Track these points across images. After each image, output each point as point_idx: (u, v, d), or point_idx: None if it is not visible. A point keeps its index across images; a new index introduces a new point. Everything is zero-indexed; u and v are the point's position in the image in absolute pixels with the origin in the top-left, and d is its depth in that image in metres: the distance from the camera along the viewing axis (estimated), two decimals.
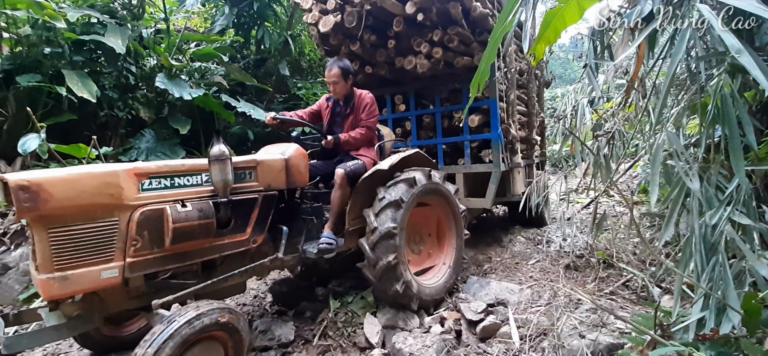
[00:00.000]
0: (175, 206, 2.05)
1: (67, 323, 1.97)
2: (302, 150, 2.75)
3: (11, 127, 4.10)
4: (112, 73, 4.93)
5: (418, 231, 3.21)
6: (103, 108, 4.81)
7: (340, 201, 2.76)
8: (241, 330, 2.02)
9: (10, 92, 4.21)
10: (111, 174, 1.94)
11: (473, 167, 4.12)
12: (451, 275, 3.16)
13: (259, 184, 2.49)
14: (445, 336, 2.56)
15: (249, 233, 2.41)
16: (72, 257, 1.83)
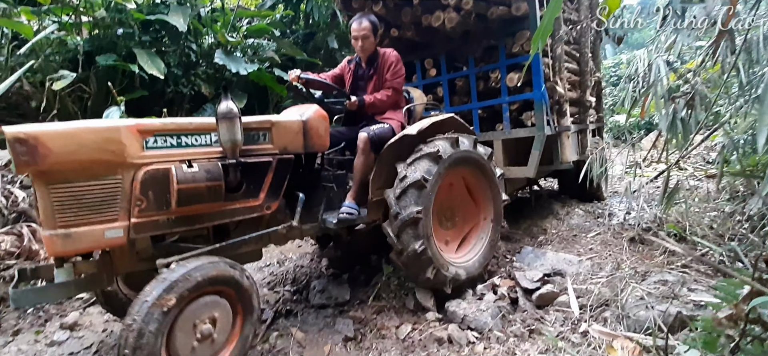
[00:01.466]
0: (181, 166, 1.95)
1: (74, 281, 1.94)
2: (322, 112, 2.53)
3: (94, 103, 4.53)
4: (175, 51, 5.24)
5: (450, 204, 2.89)
6: (169, 85, 5.15)
7: (363, 168, 2.60)
8: (247, 287, 1.95)
9: (91, 71, 4.63)
10: (112, 130, 1.85)
11: (513, 133, 3.68)
12: (489, 249, 2.89)
13: (273, 146, 2.31)
14: (499, 302, 2.54)
15: (262, 198, 2.26)
16: (75, 214, 1.78)
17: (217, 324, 1.88)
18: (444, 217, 2.87)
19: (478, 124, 3.93)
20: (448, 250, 2.82)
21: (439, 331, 2.34)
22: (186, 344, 1.79)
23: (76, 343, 2.52)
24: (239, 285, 1.92)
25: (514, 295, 2.63)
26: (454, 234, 2.92)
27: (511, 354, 2.13)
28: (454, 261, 2.73)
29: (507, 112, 3.71)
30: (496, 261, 3.12)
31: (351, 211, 2.57)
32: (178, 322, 1.75)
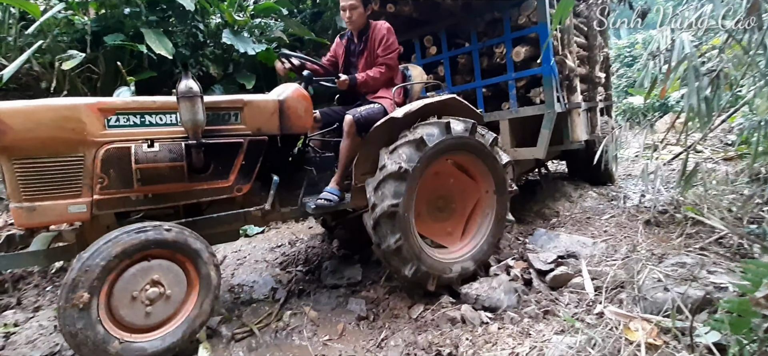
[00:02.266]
0: (142, 145, 1.96)
1: (45, 251, 2.04)
2: (302, 92, 2.43)
3: (103, 83, 4.51)
4: (182, 31, 5.18)
5: (444, 193, 2.67)
6: (177, 65, 5.11)
7: (347, 152, 2.47)
8: (199, 251, 1.94)
9: (99, 51, 4.59)
10: (70, 108, 1.88)
11: (521, 111, 3.44)
12: (487, 244, 2.62)
13: (245, 127, 2.25)
14: (513, 283, 2.53)
15: (232, 180, 2.22)
16: (38, 189, 1.85)
17: (165, 288, 1.90)
18: (437, 207, 2.66)
19: (482, 103, 3.71)
20: (453, 240, 2.68)
21: (452, 311, 2.33)
22: (130, 307, 1.83)
23: None
24: (191, 251, 1.93)
25: (527, 276, 2.61)
26: (456, 222, 2.72)
27: (526, 334, 2.12)
28: (443, 257, 2.52)
29: (513, 89, 3.49)
30: (509, 244, 3.10)
31: (330, 197, 2.45)
32: (117, 287, 1.80)
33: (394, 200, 2.24)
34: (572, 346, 1.83)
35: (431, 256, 2.45)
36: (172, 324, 1.93)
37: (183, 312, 1.95)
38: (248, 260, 3.26)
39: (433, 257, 2.46)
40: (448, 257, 2.55)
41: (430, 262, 2.42)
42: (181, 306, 1.95)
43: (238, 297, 2.71)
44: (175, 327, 1.92)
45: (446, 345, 2.10)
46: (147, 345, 1.84)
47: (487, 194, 2.71)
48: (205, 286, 1.98)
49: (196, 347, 2.05)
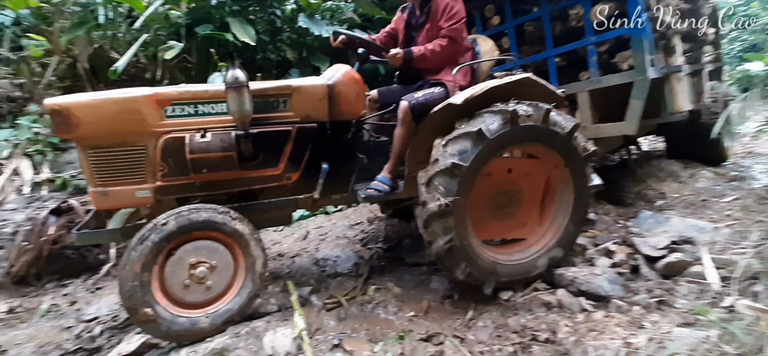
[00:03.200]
0: (195, 135, 2.00)
1: (121, 229, 2.14)
2: (354, 75, 2.30)
3: (197, 71, 4.91)
4: (262, 18, 5.43)
5: (509, 188, 2.32)
6: (258, 52, 5.38)
7: (400, 141, 2.29)
8: (245, 235, 1.98)
9: (192, 42, 4.99)
10: (130, 100, 1.97)
11: (604, 80, 2.93)
12: (560, 244, 2.26)
13: (294, 114, 2.20)
14: (617, 269, 2.29)
15: (281, 168, 2.20)
16: (109, 175, 1.99)
17: (214, 269, 1.97)
18: (498, 204, 2.32)
19: (555, 75, 3.23)
20: (530, 229, 2.36)
21: (546, 295, 2.18)
22: (179, 283, 1.92)
23: None
24: (237, 233, 1.97)
25: (633, 262, 2.35)
26: (528, 210, 2.38)
27: (638, 324, 1.91)
28: (503, 258, 2.25)
29: (594, 55, 2.97)
30: (606, 226, 2.82)
31: (381, 187, 2.31)
32: (169, 263, 1.90)
33: (445, 199, 2.01)
34: (703, 341, 1.59)
35: (503, 261, 2.21)
36: (220, 303, 2.00)
37: (230, 293, 2.02)
38: (330, 236, 3.36)
39: (506, 261, 2.22)
40: (528, 252, 2.28)
41: (504, 269, 2.20)
42: (227, 286, 2.02)
43: (324, 271, 2.80)
44: (222, 305, 1.99)
45: (542, 329, 1.96)
46: (194, 319, 1.93)
47: (557, 168, 2.31)
48: (250, 266, 2.03)
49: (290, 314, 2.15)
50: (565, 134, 2.13)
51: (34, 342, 2.50)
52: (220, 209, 1.98)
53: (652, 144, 4.85)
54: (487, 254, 2.20)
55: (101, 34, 4.57)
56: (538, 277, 2.24)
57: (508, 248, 2.34)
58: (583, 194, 2.26)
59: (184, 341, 1.93)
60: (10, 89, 4.22)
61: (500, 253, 2.28)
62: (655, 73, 2.78)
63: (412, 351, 1.97)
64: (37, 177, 3.53)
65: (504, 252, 2.29)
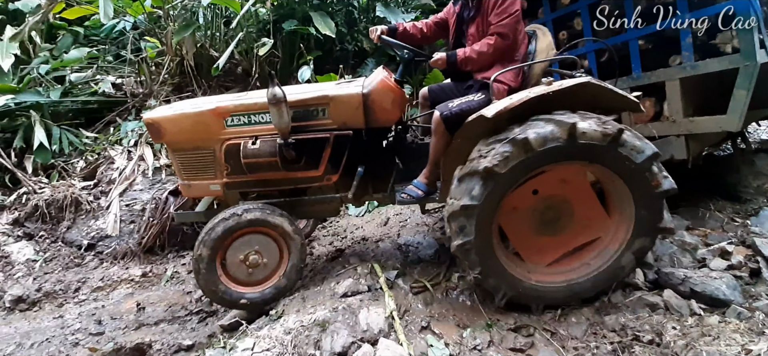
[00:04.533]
0: (248, 142, 2.32)
1: (207, 211, 2.65)
2: (388, 83, 2.30)
3: (282, 65, 5.26)
4: (341, 10, 5.62)
5: (558, 205, 2.10)
6: (336, 43, 5.60)
7: (435, 150, 2.26)
8: (291, 233, 2.34)
9: (278, 37, 5.34)
10: (199, 114, 2.38)
11: (701, 66, 2.46)
12: (609, 269, 2.03)
13: (331, 121, 2.37)
14: (734, 272, 2.07)
15: (322, 170, 2.42)
16: (190, 172, 2.48)
17: (263, 256, 2.38)
18: (543, 220, 2.12)
19: (639, 61, 2.78)
20: (600, 228, 2.12)
21: (650, 296, 2.05)
22: (237, 267, 2.37)
23: None
24: (284, 232, 2.34)
25: (754, 265, 2.11)
26: (554, 246, 2.16)
27: (759, 332, 1.73)
28: (538, 279, 2.10)
29: (688, 36, 2.51)
30: (721, 225, 2.54)
31: (415, 191, 2.39)
32: (229, 252, 2.34)
33: (471, 201, 1.89)
34: None
35: (523, 277, 2.08)
36: (269, 282, 2.42)
37: (276, 274, 2.44)
38: (410, 222, 3.44)
39: (525, 278, 2.09)
40: (607, 253, 2.08)
41: (525, 287, 2.07)
42: (274, 270, 2.44)
43: (407, 256, 2.90)
44: (270, 284, 2.42)
45: (646, 331, 1.87)
46: (250, 295, 2.38)
47: (617, 233, 2.03)
48: (293, 253, 2.40)
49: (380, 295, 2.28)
50: (639, 163, 1.83)
51: (164, 303, 2.95)
52: (268, 209, 2.34)
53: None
54: (506, 264, 2.07)
55: (202, 34, 5.09)
56: (628, 276, 2.06)
57: (581, 257, 2.14)
58: (624, 262, 2.02)
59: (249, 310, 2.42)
60: (134, 87, 4.91)
61: (565, 269, 2.12)
62: (765, 57, 2.31)
63: (500, 340, 1.99)
64: (157, 162, 4.09)
65: (570, 266, 2.13)
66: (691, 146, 2.56)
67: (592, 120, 1.82)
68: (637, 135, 1.88)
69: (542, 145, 1.80)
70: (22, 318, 2.96)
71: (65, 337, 2.63)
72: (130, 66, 5.02)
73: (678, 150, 2.61)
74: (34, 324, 2.86)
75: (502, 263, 2.06)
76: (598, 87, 1.91)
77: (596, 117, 1.85)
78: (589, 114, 1.87)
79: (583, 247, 2.14)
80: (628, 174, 1.87)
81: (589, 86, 1.89)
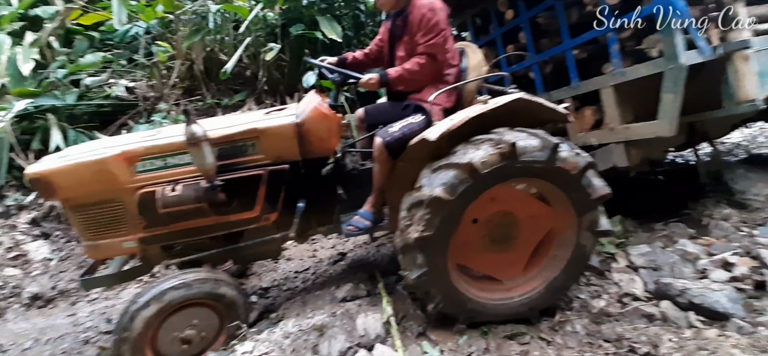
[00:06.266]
0: (165, 189, 2.00)
1: (120, 273, 2.28)
2: (322, 110, 2.12)
3: (289, 69, 5.33)
4: (348, 14, 5.67)
5: (501, 220, 2.06)
6: (343, 47, 5.64)
7: (379, 177, 2.16)
8: (233, 299, 2.02)
9: (286, 41, 5.42)
10: (100, 162, 1.99)
11: (629, 72, 2.45)
12: (575, 253, 2.00)
13: (264, 156, 2.13)
14: (737, 284, 2.04)
15: (258, 210, 2.16)
16: (95, 231, 2.08)
17: (200, 330, 2.02)
18: (492, 237, 2.08)
19: (576, 70, 2.78)
20: (512, 273, 2.14)
21: (647, 306, 2.04)
22: (170, 345, 1.99)
23: None
24: (226, 298, 2.02)
25: (758, 278, 2.07)
26: (502, 263, 2.13)
27: (760, 348, 1.70)
28: (485, 297, 2.07)
29: (615, 43, 2.50)
30: (725, 235, 2.50)
31: (361, 223, 2.23)
32: (162, 329, 1.96)
33: (424, 231, 1.82)
34: None
35: (473, 297, 2.04)
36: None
37: None
38: None
39: (479, 299, 2.05)
40: (509, 295, 2.09)
41: (476, 306, 2.03)
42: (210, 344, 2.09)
43: None
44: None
45: (642, 342, 1.86)
46: None
47: (565, 217, 2.01)
48: (233, 317, 2.08)
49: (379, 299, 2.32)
50: (576, 172, 1.84)
51: None
52: (210, 278, 2.02)
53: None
54: (462, 287, 2.03)
55: (212, 38, 5.19)
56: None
57: (491, 285, 2.15)
58: (574, 271, 2.04)
59: None
60: (145, 90, 5.04)
61: (481, 290, 2.10)
62: (703, 56, 2.26)
63: (496, 348, 2.00)
64: None
65: (486, 290, 2.12)
66: (632, 153, 2.53)
67: (529, 137, 1.84)
68: (570, 146, 1.90)
69: (487, 166, 1.78)
70: (38, 315, 3.08)
71: (77, 335, 2.73)
72: (142, 70, 5.15)
73: (619, 158, 2.56)
74: (50, 320, 2.98)
75: (462, 290, 2.02)
76: (529, 102, 1.93)
77: (529, 133, 1.87)
78: (524, 132, 1.88)
79: (544, 243, 2.12)
80: (567, 185, 1.89)
81: (522, 102, 1.92)
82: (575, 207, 1.93)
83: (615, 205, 2.88)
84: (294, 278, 2.98)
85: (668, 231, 2.64)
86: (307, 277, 2.94)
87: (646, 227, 2.76)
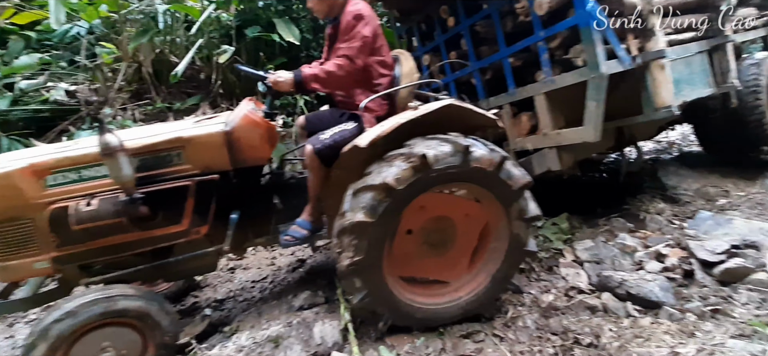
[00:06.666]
0: (79, 204, 1.85)
1: (34, 297, 2.12)
2: (253, 118, 2.05)
3: None
4: (305, 16, 5.59)
5: (434, 225, 2.08)
6: (302, 50, 5.57)
7: (313, 187, 2.13)
8: (141, 310, 1.82)
9: (241, 43, 5.27)
10: (3, 177, 1.83)
11: (558, 80, 2.53)
12: (512, 243, 2.04)
13: (191, 167, 2.00)
14: (668, 274, 2.21)
15: (186, 224, 2.02)
16: (4, 251, 1.89)
17: (118, 350, 1.83)
18: (430, 241, 2.10)
19: (512, 78, 2.86)
20: (458, 273, 2.17)
21: (591, 299, 2.16)
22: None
23: None
24: (146, 316, 1.83)
25: (687, 267, 2.25)
26: (441, 267, 2.15)
27: (688, 333, 1.84)
28: (420, 301, 2.07)
29: (545, 52, 2.58)
30: (659, 227, 2.69)
31: (298, 233, 2.17)
32: (75, 348, 1.77)
33: (355, 257, 1.82)
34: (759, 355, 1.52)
35: (421, 305, 2.05)
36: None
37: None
38: None
39: (423, 306, 2.06)
40: (452, 297, 2.11)
41: (423, 315, 2.05)
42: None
43: None
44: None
45: (585, 333, 1.96)
46: None
47: (494, 210, 2.05)
48: (157, 337, 1.89)
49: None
50: (492, 169, 1.89)
51: None
52: (102, 298, 1.79)
53: None
54: (407, 298, 2.04)
55: (162, 39, 4.96)
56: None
57: (440, 289, 2.15)
58: (507, 273, 2.10)
59: None
60: (87, 94, 4.71)
61: (430, 297, 2.11)
62: (619, 65, 2.35)
63: (452, 347, 2.04)
64: None
65: (435, 295, 2.13)
66: (564, 157, 2.61)
67: (442, 143, 1.86)
68: (486, 146, 1.96)
69: (403, 181, 1.79)
70: None
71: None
72: (84, 73, 4.82)
73: (552, 162, 2.67)
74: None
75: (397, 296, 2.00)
76: (459, 108, 1.98)
77: (445, 138, 1.89)
78: (439, 138, 1.90)
79: (483, 238, 2.15)
80: (487, 182, 1.94)
81: (452, 108, 1.95)
82: (500, 201, 1.98)
83: (562, 203, 3.06)
84: (251, 288, 2.89)
85: (610, 226, 2.81)
86: (265, 286, 2.87)
87: (591, 222, 2.93)
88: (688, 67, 2.67)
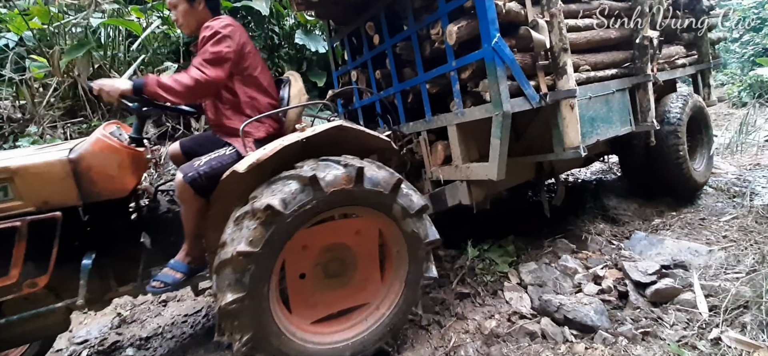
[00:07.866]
0: None
1: None
2: (106, 142, 1.79)
3: None
4: (260, 34, 5.48)
5: (334, 254, 1.96)
6: None
7: (188, 221, 1.89)
8: None
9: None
10: None
11: (467, 113, 2.38)
12: (413, 273, 1.98)
13: (21, 203, 1.65)
14: (604, 296, 2.23)
15: (16, 275, 1.64)
16: None
17: None
18: (328, 272, 1.97)
19: (429, 105, 2.69)
20: (375, 291, 2.07)
21: (531, 325, 2.12)
22: None
23: None
24: None
25: (622, 288, 2.28)
26: (368, 269, 2.05)
27: None
28: (313, 340, 1.88)
29: (456, 82, 2.43)
30: (599, 248, 2.75)
31: (170, 277, 1.89)
32: None
33: (235, 294, 1.61)
34: None
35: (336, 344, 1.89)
36: None
37: None
38: None
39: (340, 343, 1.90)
40: (372, 318, 1.99)
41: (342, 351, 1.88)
42: None
43: None
44: None
45: None
46: None
47: (386, 224, 1.96)
48: None
49: None
50: (387, 192, 1.80)
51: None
52: None
53: None
54: (319, 342, 1.87)
55: (101, 54, 4.67)
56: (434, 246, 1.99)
57: (353, 318, 2.01)
58: (405, 309, 2.00)
59: None
60: (11, 110, 4.33)
61: (347, 329, 1.96)
62: (526, 103, 2.24)
63: None
64: None
65: (353, 326, 1.98)
66: (474, 191, 2.52)
67: (334, 166, 1.77)
68: (382, 168, 1.88)
69: (290, 206, 1.64)
70: None
71: None
72: (9, 87, 4.44)
73: (463, 196, 2.55)
74: None
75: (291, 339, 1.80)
76: (351, 129, 1.89)
77: (339, 161, 1.80)
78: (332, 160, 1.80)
79: (384, 245, 2.08)
80: (382, 206, 1.85)
81: (344, 129, 1.86)
82: (378, 209, 1.85)
83: (509, 225, 3.07)
84: (182, 323, 2.67)
85: (554, 247, 2.84)
86: (198, 321, 2.66)
87: (536, 244, 2.95)
88: (606, 105, 2.63)
